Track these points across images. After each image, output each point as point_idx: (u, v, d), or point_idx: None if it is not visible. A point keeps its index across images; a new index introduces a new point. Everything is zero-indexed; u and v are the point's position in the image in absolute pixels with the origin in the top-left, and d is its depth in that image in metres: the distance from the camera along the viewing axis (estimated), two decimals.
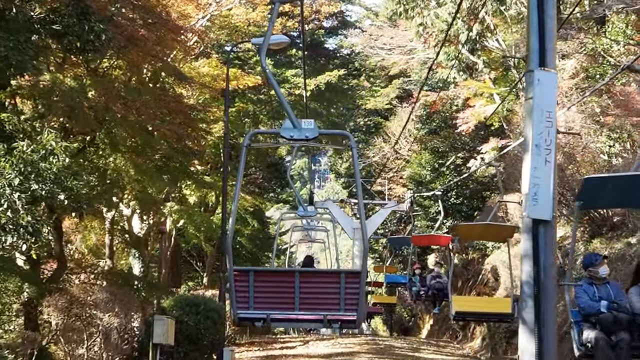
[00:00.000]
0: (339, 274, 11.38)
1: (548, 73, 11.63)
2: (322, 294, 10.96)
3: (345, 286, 10.77)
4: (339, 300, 10.80)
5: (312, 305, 10.95)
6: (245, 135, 11.54)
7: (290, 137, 10.92)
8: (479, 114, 35.66)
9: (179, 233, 35.99)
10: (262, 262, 51.13)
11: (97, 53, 17.11)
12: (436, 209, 43.61)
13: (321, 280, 11.21)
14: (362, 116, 57.33)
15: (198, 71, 30.03)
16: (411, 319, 53.73)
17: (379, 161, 51.48)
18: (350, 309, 10.77)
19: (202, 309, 21.28)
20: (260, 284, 10.95)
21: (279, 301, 11.04)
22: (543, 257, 11.84)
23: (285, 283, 11.13)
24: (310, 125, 10.97)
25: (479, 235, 23.72)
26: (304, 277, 11.13)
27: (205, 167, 33.14)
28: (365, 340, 32.34)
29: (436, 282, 29.24)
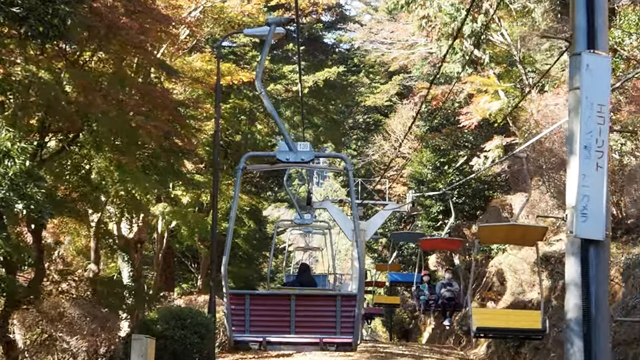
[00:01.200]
0: (334, 297, 11.25)
1: (599, 57, 9.31)
2: (318, 317, 10.94)
3: (341, 309, 10.75)
4: (334, 323, 10.79)
5: (308, 329, 10.88)
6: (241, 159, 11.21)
7: (286, 160, 10.81)
8: (484, 110, 33.87)
9: (172, 235, 34.27)
10: (258, 262, 49.43)
11: (63, 39, 15.25)
12: (438, 208, 41.94)
13: (317, 304, 11.19)
14: (361, 113, 55.57)
15: (191, 66, 28.40)
16: (412, 321, 51.95)
17: (378, 159, 49.75)
18: (346, 332, 10.76)
19: (189, 323, 19.33)
20: (256, 307, 10.91)
21: (275, 324, 10.98)
22: (594, 286, 9.18)
23: (281, 306, 11.04)
24: (306, 148, 10.89)
25: (503, 238, 20.20)
26: (300, 301, 11.01)
27: (197, 166, 31.25)
28: (365, 347, 30.53)
29: (447, 290, 26.29)
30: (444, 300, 26.03)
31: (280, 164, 10.98)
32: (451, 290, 26.15)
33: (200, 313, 20.91)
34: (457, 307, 26.49)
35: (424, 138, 43.83)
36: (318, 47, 44.86)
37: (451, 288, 26.23)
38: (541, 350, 24.87)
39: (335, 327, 10.77)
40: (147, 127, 18.28)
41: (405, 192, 45.94)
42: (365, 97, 50.85)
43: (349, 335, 10.75)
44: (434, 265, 46.27)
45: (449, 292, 26.10)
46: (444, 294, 26.04)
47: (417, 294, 27.89)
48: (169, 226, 32.34)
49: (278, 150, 10.94)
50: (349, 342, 10.81)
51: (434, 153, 42.73)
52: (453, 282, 26.85)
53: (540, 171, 26.53)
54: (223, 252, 10.94)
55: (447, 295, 25.99)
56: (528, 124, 28.85)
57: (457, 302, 25.93)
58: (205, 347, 20.17)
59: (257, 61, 35.68)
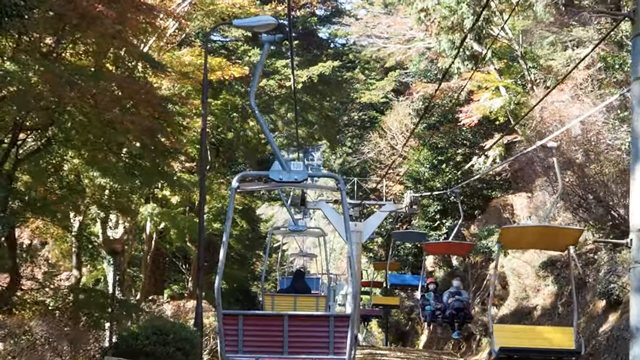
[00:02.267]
0: (328, 317, 11.28)
1: None
2: (311, 337, 10.84)
3: (335, 330, 10.70)
4: (328, 343, 10.71)
5: (301, 349, 10.80)
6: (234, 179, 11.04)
7: (279, 179, 10.71)
8: (484, 108, 32.23)
9: (161, 236, 32.63)
10: (251, 263, 47.79)
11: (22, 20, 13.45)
12: (435, 208, 40.36)
13: (310, 324, 11.05)
14: (356, 110, 53.91)
15: (180, 60, 26.76)
16: (408, 323, 50.28)
17: (374, 157, 48.12)
18: (340, 352, 10.66)
19: (172, 339, 17.51)
20: (249, 328, 10.84)
21: (268, 344, 10.90)
22: None
23: (274, 327, 10.97)
24: (299, 168, 10.83)
25: (530, 241, 16.80)
26: (293, 321, 10.92)
27: (186, 165, 29.55)
28: (362, 355, 28.86)
29: (455, 300, 23.90)
30: (453, 311, 23.77)
31: (273, 183, 10.90)
32: (460, 299, 23.92)
33: (184, 327, 19.00)
34: (466, 319, 24.28)
35: (422, 136, 42.21)
36: (312, 41, 43.09)
37: (460, 297, 24.01)
38: None
39: (329, 348, 10.70)
40: (123, 122, 16.53)
41: (401, 191, 44.38)
42: (361, 93, 49.22)
43: (342, 355, 10.64)
44: (430, 265, 44.64)
45: (457, 302, 23.83)
46: (453, 304, 23.78)
47: (423, 303, 25.77)
48: (157, 227, 30.72)
49: (271, 169, 10.83)
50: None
51: (431, 151, 41.14)
52: (462, 291, 24.61)
53: (548, 171, 24.83)
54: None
55: (455, 306, 23.74)
56: (533, 121, 27.18)
57: (466, 313, 23.86)
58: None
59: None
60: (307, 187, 15.70)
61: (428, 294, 25.64)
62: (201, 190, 21.44)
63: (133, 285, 32.81)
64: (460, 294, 24.17)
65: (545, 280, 26.36)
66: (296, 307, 22.06)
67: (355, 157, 51.28)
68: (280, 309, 22.14)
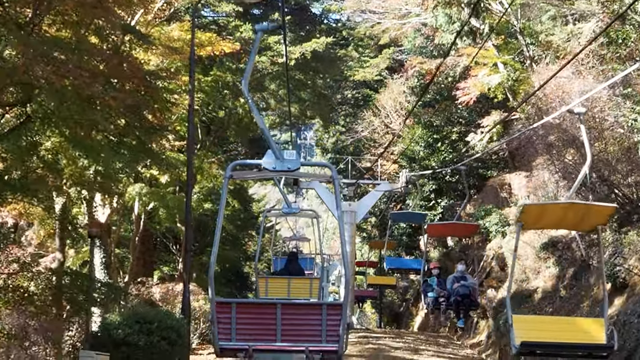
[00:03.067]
0: (320, 306, 11.32)
1: None
2: (304, 325, 10.79)
3: (327, 318, 10.67)
4: (320, 331, 10.68)
5: (293, 337, 10.75)
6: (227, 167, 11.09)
7: (272, 168, 10.77)
8: (482, 85, 31.15)
9: (150, 216, 31.51)
10: (243, 243, 46.72)
11: None
12: (430, 187, 39.35)
13: (303, 312, 11.00)
14: (350, 88, 52.70)
15: (168, 36, 25.55)
16: (402, 305, 49.30)
17: (368, 136, 47.00)
18: (332, 340, 10.65)
19: (156, 328, 16.35)
20: (242, 316, 10.78)
21: (261, 332, 10.84)
22: None
23: (267, 315, 10.90)
24: (292, 157, 10.83)
25: (554, 221, 14.50)
26: (286, 309, 10.86)
27: (174, 144, 28.39)
28: (356, 339, 27.87)
29: (460, 285, 22.13)
30: (458, 297, 22.01)
31: (266, 172, 10.89)
32: (465, 285, 22.13)
33: (169, 315, 17.84)
34: (472, 306, 22.67)
35: (417, 114, 41.09)
36: (305, 17, 41.84)
37: (465, 283, 22.19)
38: None
39: (321, 336, 10.66)
40: (104, 99, 15.37)
41: (396, 170, 43.33)
42: (354, 71, 47.95)
43: (334, 343, 10.62)
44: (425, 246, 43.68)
45: (463, 287, 22.05)
46: (458, 290, 22.00)
47: (425, 289, 23.71)
48: (146, 207, 29.58)
49: (264, 158, 10.82)
50: (334, 350, 10.65)
51: (426, 129, 40.06)
52: (467, 275, 22.81)
53: (550, 149, 23.77)
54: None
55: (461, 292, 21.98)
56: (534, 97, 26.06)
57: (472, 300, 22.21)
58: (175, 355, 17.19)
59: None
60: (300, 175, 15.40)
61: (431, 279, 23.73)
62: (188, 168, 20.26)
63: (121, 267, 31.72)
64: (465, 278, 22.46)
65: (547, 262, 25.33)
66: (290, 289, 22.00)
67: (349, 136, 50.15)
68: (274, 292, 22.12)
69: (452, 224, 25.77)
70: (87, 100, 15.50)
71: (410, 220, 38.20)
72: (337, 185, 11.34)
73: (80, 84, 14.51)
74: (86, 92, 14.93)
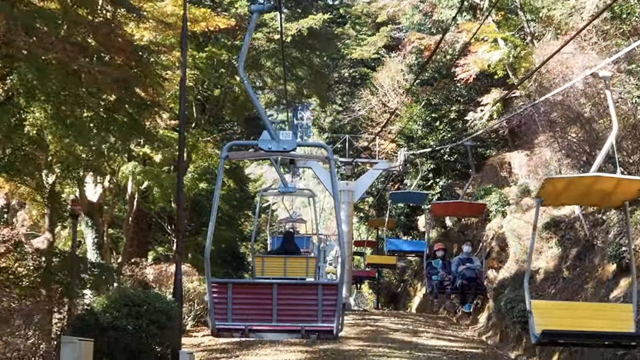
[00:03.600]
0: (316, 285, 11.14)
1: None
2: (300, 305, 10.77)
3: (323, 297, 10.67)
4: (316, 311, 10.69)
5: (290, 317, 10.77)
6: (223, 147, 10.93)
7: (268, 149, 10.73)
8: (482, 61, 30.30)
9: (144, 196, 30.73)
10: (239, 223, 45.95)
11: None
12: (428, 166, 38.59)
13: (299, 292, 10.95)
14: (347, 67, 51.75)
15: (162, 11, 24.65)
16: (400, 285, 48.62)
17: (365, 115, 46.17)
18: (328, 320, 10.68)
19: (145, 311, 15.51)
20: (239, 296, 10.78)
21: (257, 312, 10.82)
22: None
23: (263, 295, 10.88)
24: (288, 137, 10.78)
25: (577, 196, 12.74)
26: (282, 289, 10.84)
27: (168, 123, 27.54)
28: (354, 320, 27.20)
29: (466, 268, 20.98)
30: (464, 280, 20.86)
31: (262, 152, 10.84)
32: (472, 268, 20.96)
33: (159, 297, 16.92)
34: (479, 289, 21.50)
35: (415, 92, 40.26)
36: None
37: (472, 265, 21.02)
38: None
39: (317, 315, 10.66)
40: (91, 72, 14.51)
41: (394, 150, 42.56)
42: (351, 49, 47.03)
43: (330, 323, 10.63)
44: (423, 227, 42.94)
45: (469, 270, 20.86)
46: (464, 273, 20.85)
47: (429, 272, 22.17)
48: (140, 187, 28.78)
49: (260, 139, 10.78)
50: (330, 329, 10.67)
51: (424, 108, 39.24)
52: (473, 258, 21.59)
53: (553, 126, 22.98)
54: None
55: (467, 275, 20.81)
56: (538, 74, 25.27)
57: (479, 283, 21.06)
58: (166, 339, 16.36)
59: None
60: (296, 156, 14.80)
61: (435, 261, 22.30)
62: (180, 143, 19.38)
63: (115, 247, 30.97)
64: (471, 260, 21.30)
65: (549, 242, 24.54)
66: (286, 268, 21.91)
67: (346, 115, 49.32)
68: (270, 271, 21.96)
69: (458, 203, 24.33)
70: (73, 75, 14.64)
71: (410, 201, 36.94)
72: (332, 166, 11.15)
73: (64, 57, 13.67)
74: (72, 65, 14.08)
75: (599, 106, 21.85)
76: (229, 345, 22.50)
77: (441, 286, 21.35)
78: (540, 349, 21.65)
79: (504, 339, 24.91)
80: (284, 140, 10.68)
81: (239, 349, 21.96)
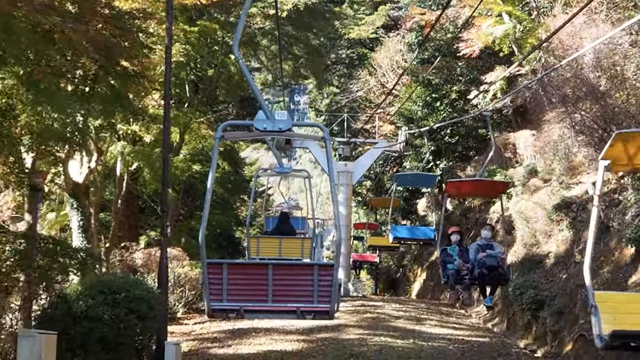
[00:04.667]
0: (312, 266, 10.92)
1: None
2: (296, 285, 10.49)
3: (319, 278, 10.38)
4: (312, 292, 10.41)
5: (285, 297, 10.50)
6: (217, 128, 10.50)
7: (263, 129, 10.32)
8: (486, 36, 28.63)
9: (133, 178, 29.08)
10: (234, 207, 44.36)
11: None
12: (429, 148, 36.94)
13: (294, 273, 10.66)
14: (344, 48, 49.98)
15: None
16: (399, 270, 47.00)
17: (363, 95, 44.48)
18: (324, 300, 10.40)
19: (123, 299, 13.76)
20: (234, 276, 10.48)
21: (253, 293, 10.52)
22: None
23: (258, 275, 10.57)
24: (283, 117, 10.42)
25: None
26: (278, 270, 10.52)
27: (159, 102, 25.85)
28: (353, 307, 25.64)
29: (486, 255, 17.60)
30: (484, 269, 17.54)
31: (257, 132, 10.47)
32: (492, 255, 17.71)
33: (139, 284, 15.09)
34: (501, 279, 18.07)
35: (415, 72, 38.58)
36: None
37: (492, 252, 17.78)
38: (566, 314, 20.03)
39: (313, 296, 10.39)
40: (63, 31, 12.82)
41: (392, 132, 40.96)
42: (349, 29, 45.29)
43: (326, 304, 10.38)
44: (423, 210, 41.37)
45: (489, 258, 17.60)
46: (484, 261, 17.56)
47: (444, 260, 18.42)
48: (129, 168, 27.07)
49: (256, 119, 10.46)
50: (326, 310, 10.40)
51: (424, 88, 37.60)
52: (493, 243, 18.34)
53: (565, 101, 21.35)
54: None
55: (487, 263, 17.53)
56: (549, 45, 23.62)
57: (501, 272, 17.75)
58: (148, 330, 14.60)
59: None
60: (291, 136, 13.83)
61: (451, 247, 18.60)
62: (165, 114, 17.55)
63: (103, 231, 29.31)
64: (492, 247, 18.00)
65: (559, 225, 22.95)
66: (281, 249, 21.47)
67: (344, 97, 47.63)
68: (265, 252, 21.51)
69: (477, 182, 19.67)
70: (44, 35, 12.96)
71: (418, 183, 33.48)
72: (328, 146, 10.91)
73: (34, 14, 12.00)
74: (43, 24, 12.40)
75: (614, 79, 20.25)
76: (222, 334, 20.98)
77: (458, 276, 18.00)
78: (553, 337, 20.18)
79: (512, 327, 23.39)
80: (279, 120, 10.33)
81: (231, 337, 20.42)
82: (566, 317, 19.84)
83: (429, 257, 38.72)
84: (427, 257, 39.43)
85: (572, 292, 20.12)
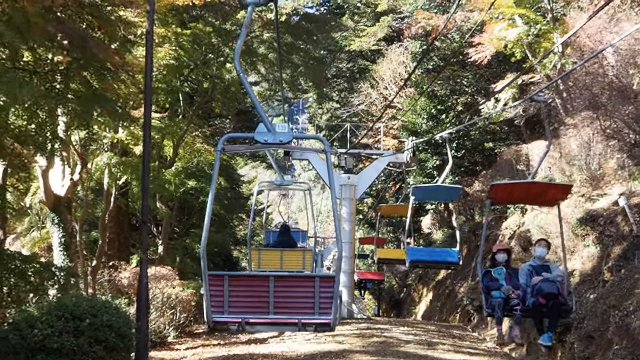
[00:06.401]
0: (313, 278, 10.37)
1: None
2: (297, 297, 10.22)
3: (320, 290, 10.13)
4: (313, 304, 10.16)
5: (286, 309, 10.24)
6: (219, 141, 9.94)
7: (264, 141, 10.06)
8: (498, 40, 26.33)
9: (122, 192, 26.80)
10: (232, 225, 41.99)
11: None
12: (433, 163, 34.75)
13: (295, 285, 10.32)
14: (345, 60, 47.71)
15: None
16: (403, 290, 44.49)
17: (365, 109, 42.22)
18: (325, 312, 10.14)
19: (88, 326, 11.22)
20: (235, 288, 10.24)
21: (254, 305, 10.25)
22: None
23: (259, 287, 10.26)
24: (284, 129, 10.22)
25: None
26: (279, 282, 10.20)
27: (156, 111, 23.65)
28: (358, 330, 23.19)
29: (542, 280, 13.39)
30: (540, 298, 13.36)
31: (258, 145, 10.10)
32: (551, 279, 13.40)
33: (108, 308, 12.44)
34: (562, 311, 13.52)
35: (419, 83, 36.32)
36: None
37: (550, 276, 13.48)
38: (597, 339, 17.64)
39: (314, 308, 10.15)
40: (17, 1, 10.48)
41: (396, 146, 38.69)
42: (350, 41, 43.05)
43: (327, 315, 10.10)
44: (427, 227, 39.05)
45: (546, 283, 13.33)
46: (540, 287, 13.34)
47: (487, 285, 13.83)
48: (117, 181, 24.75)
49: (257, 131, 10.16)
50: (327, 322, 10.11)
51: (429, 99, 35.32)
52: (551, 264, 14.00)
53: (594, 102, 19.03)
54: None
55: (545, 290, 13.26)
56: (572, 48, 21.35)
57: (562, 302, 13.38)
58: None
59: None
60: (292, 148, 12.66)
61: (496, 270, 13.99)
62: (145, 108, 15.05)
63: (92, 249, 26.96)
64: (549, 269, 13.76)
65: (585, 240, 20.57)
66: (282, 261, 21.33)
67: (345, 110, 45.33)
68: (267, 264, 21.40)
69: (530, 184, 14.02)
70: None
71: (439, 197, 29.00)
72: (328, 158, 10.89)
73: None
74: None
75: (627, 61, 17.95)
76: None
77: (506, 305, 13.68)
78: None
79: (532, 353, 20.93)
80: (280, 132, 10.11)
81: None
82: (597, 342, 17.42)
83: (435, 277, 36.33)
84: (434, 277, 37.04)
85: (603, 314, 17.74)
